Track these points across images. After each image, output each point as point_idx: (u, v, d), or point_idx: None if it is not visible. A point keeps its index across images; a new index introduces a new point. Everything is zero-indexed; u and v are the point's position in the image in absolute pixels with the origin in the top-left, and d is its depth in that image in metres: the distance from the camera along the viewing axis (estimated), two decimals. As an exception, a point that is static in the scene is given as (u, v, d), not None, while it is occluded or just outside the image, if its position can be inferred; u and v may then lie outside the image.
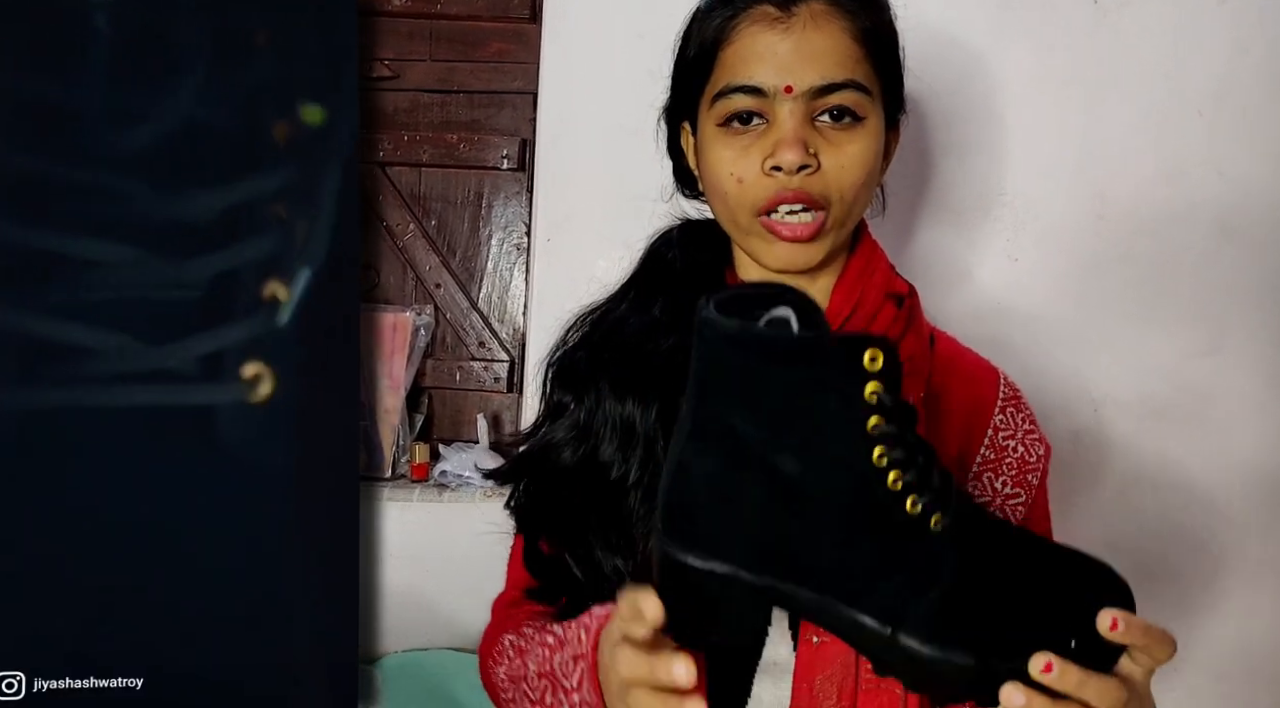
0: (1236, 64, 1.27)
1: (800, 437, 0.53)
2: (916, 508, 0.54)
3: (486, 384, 1.48)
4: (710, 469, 0.55)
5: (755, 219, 0.73)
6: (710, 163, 0.74)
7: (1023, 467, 0.80)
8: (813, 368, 0.52)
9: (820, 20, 0.71)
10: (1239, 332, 1.31)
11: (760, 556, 0.54)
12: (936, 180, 1.31)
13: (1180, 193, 1.29)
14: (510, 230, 1.47)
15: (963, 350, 0.86)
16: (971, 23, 1.28)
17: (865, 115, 0.72)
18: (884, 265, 0.81)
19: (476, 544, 0.89)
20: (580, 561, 0.77)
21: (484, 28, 1.43)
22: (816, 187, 0.71)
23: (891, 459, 0.54)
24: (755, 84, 0.71)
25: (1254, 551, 1.33)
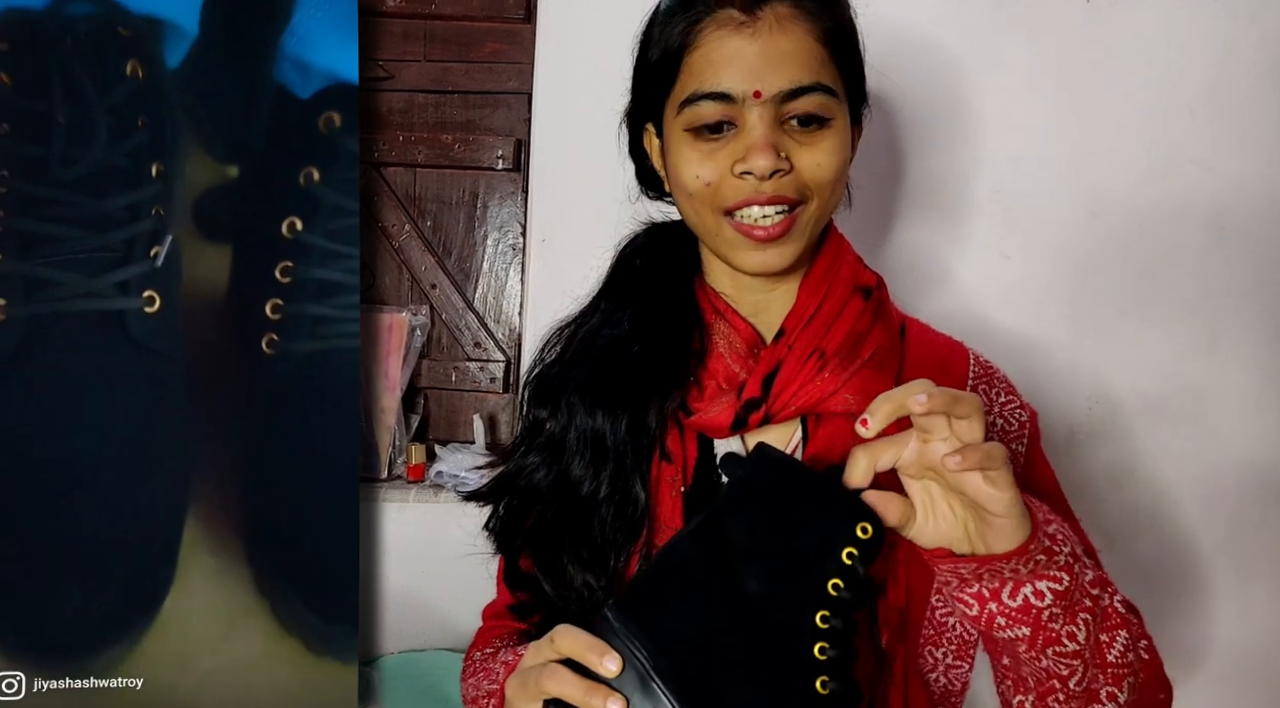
0: (1228, 61, 1.27)
1: (773, 561, 0.59)
2: (824, 689, 0.57)
3: (482, 385, 1.48)
4: (689, 558, 0.60)
5: (722, 219, 0.73)
6: (678, 167, 0.74)
7: (1003, 438, 0.80)
8: (820, 505, 0.59)
9: (786, 24, 0.70)
10: (1233, 329, 1.31)
11: (680, 652, 0.57)
12: (928, 179, 1.31)
13: (1173, 190, 1.29)
14: (505, 231, 1.47)
15: (933, 337, 0.86)
16: (964, 20, 1.29)
17: (832, 117, 0.72)
18: (851, 259, 0.81)
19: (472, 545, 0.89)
20: (551, 577, 0.77)
21: (478, 28, 1.43)
22: (791, 187, 0.71)
23: (831, 628, 0.57)
24: (723, 90, 0.70)
25: (1249, 548, 1.34)
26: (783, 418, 0.75)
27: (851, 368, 0.75)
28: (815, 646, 0.57)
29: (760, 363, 0.76)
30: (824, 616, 0.57)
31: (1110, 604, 0.67)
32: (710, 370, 0.77)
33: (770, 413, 0.74)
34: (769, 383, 0.74)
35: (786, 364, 0.75)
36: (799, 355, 0.75)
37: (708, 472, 0.78)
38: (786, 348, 0.75)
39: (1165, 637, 1.35)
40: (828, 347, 0.75)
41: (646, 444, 0.77)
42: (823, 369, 0.74)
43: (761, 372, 0.75)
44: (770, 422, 0.75)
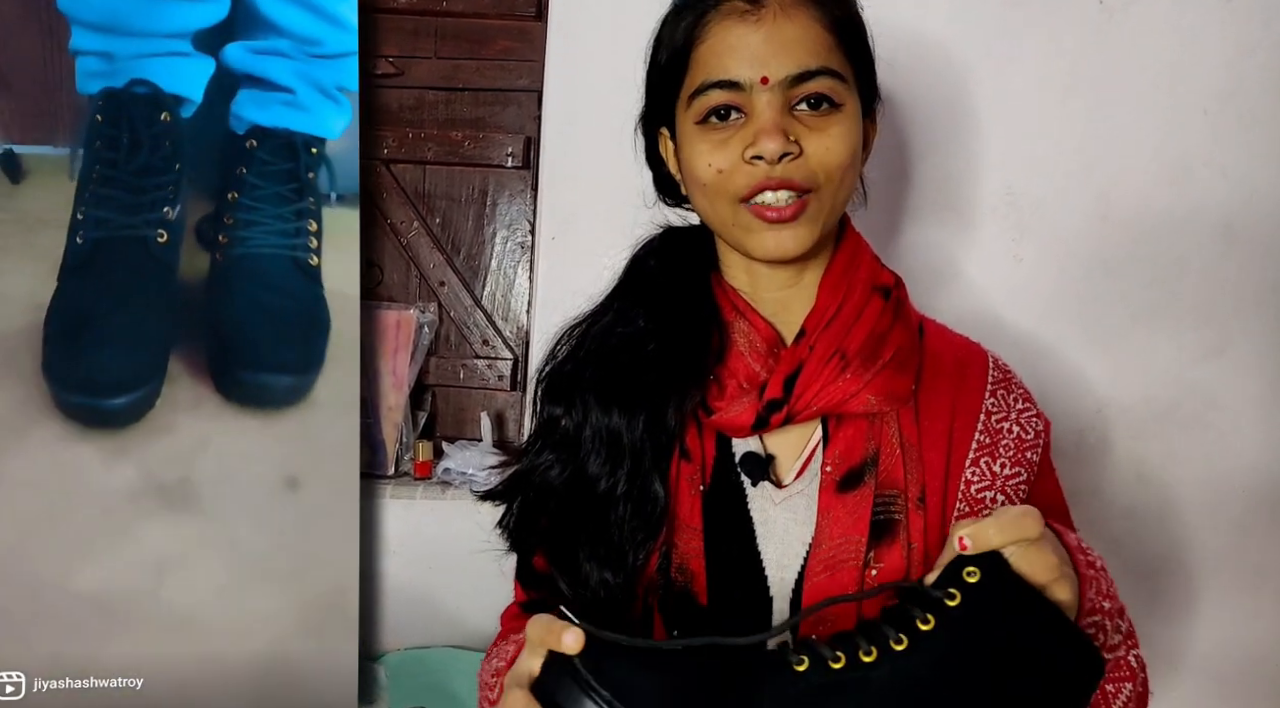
0: (1241, 65, 1.27)
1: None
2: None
3: (490, 382, 1.48)
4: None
5: (737, 207, 0.73)
6: (689, 157, 0.74)
7: (1020, 446, 0.79)
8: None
9: (790, 11, 0.71)
10: (1243, 334, 1.30)
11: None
12: (940, 180, 1.31)
13: (1185, 194, 1.29)
14: (514, 228, 1.47)
15: (951, 337, 0.85)
16: (977, 21, 1.28)
17: (842, 101, 0.72)
18: (869, 258, 0.81)
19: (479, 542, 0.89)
20: (567, 575, 0.77)
21: (489, 25, 1.43)
22: (801, 172, 0.71)
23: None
24: (731, 78, 0.71)
25: (1256, 554, 1.33)
26: (804, 418, 0.75)
27: (873, 369, 0.75)
28: None
29: (782, 363, 0.76)
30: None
31: (1126, 657, 0.71)
32: (730, 369, 0.77)
33: (792, 413, 0.74)
34: (791, 383, 0.74)
35: (808, 365, 0.75)
36: (821, 356, 0.75)
37: (726, 471, 0.77)
38: (808, 348, 0.75)
39: (1172, 641, 1.35)
40: (849, 347, 0.75)
41: (666, 442, 0.76)
42: (844, 370, 0.74)
43: (783, 372, 0.75)
44: (791, 422, 0.75)
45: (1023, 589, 0.58)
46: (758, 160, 0.70)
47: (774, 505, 0.76)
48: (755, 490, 0.77)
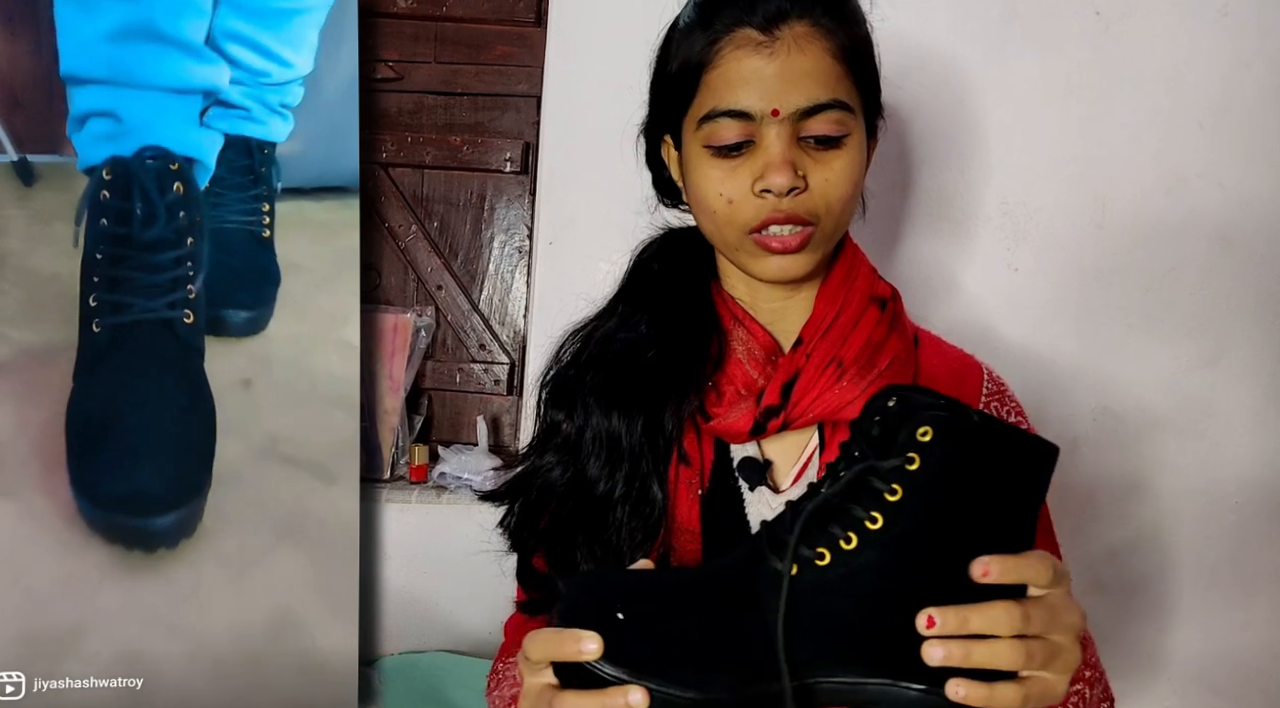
0: (1238, 77, 1.28)
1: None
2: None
3: (486, 387, 1.48)
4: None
5: (744, 236, 0.74)
6: (698, 183, 0.75)
7: None
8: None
9: (803, 43, 0.71)
10: (1238, 344, 1.31)
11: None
12: (937, 190, 1.31)
13: (1181, 204, 1.29)
14: (512, 233, 1.47)
15: (946, 349, 0.87)
16: (975, 33, 1.29)
17: (849, 132, 0.73)
18: (866, 270, 0.82)
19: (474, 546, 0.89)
20: (566, 575, 0.77)
21: (489, 30, 1.44)
22: (805, 206, 0.72)
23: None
24: (742, 109, 0.71)
25: (1252, 562, 1.34)
26: (801, 425, 0.76)
27: (869, 377, 0.75)
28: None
29: (779, 370, 0.76)
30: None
31: (1092, 694, 0.72)
32: (729, 376, 0.78)
33: (789, 420, 0.75)
34: (788, 390, 0.75)
35: (805, 372, 0.75)
36: (817, 364, 0.76)
37: (724, 475, 0.78)
38: (805, 356, 0.76)
39: (1166, 650, 1.35)
40: (845, 356, 0.76)
41: (664, 446, 0.77)
42: (841, 378, 0.75)
43: (780, 379, 0.76)
44: (788, 428, 0.76)
45: (968, 426, 0.58)
46: (766, 193, 0.71)
47: (770, 510, 0.77)
48: (752, 495, 0.78)
